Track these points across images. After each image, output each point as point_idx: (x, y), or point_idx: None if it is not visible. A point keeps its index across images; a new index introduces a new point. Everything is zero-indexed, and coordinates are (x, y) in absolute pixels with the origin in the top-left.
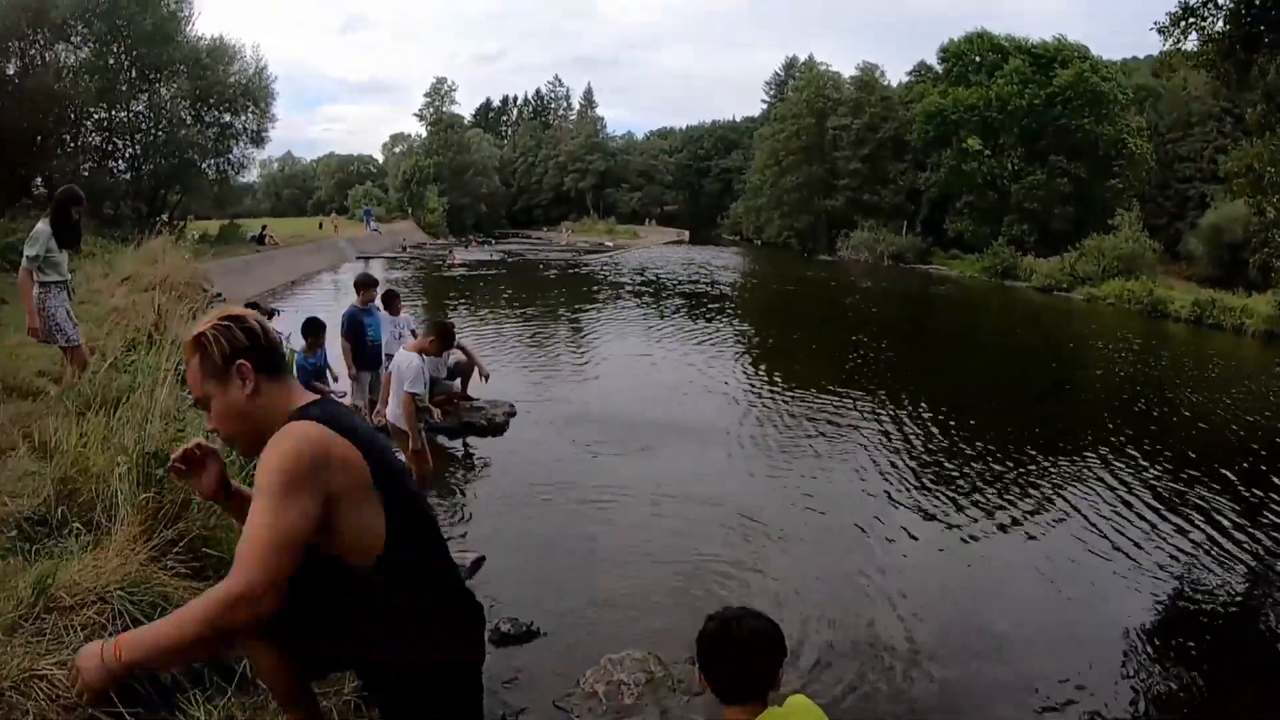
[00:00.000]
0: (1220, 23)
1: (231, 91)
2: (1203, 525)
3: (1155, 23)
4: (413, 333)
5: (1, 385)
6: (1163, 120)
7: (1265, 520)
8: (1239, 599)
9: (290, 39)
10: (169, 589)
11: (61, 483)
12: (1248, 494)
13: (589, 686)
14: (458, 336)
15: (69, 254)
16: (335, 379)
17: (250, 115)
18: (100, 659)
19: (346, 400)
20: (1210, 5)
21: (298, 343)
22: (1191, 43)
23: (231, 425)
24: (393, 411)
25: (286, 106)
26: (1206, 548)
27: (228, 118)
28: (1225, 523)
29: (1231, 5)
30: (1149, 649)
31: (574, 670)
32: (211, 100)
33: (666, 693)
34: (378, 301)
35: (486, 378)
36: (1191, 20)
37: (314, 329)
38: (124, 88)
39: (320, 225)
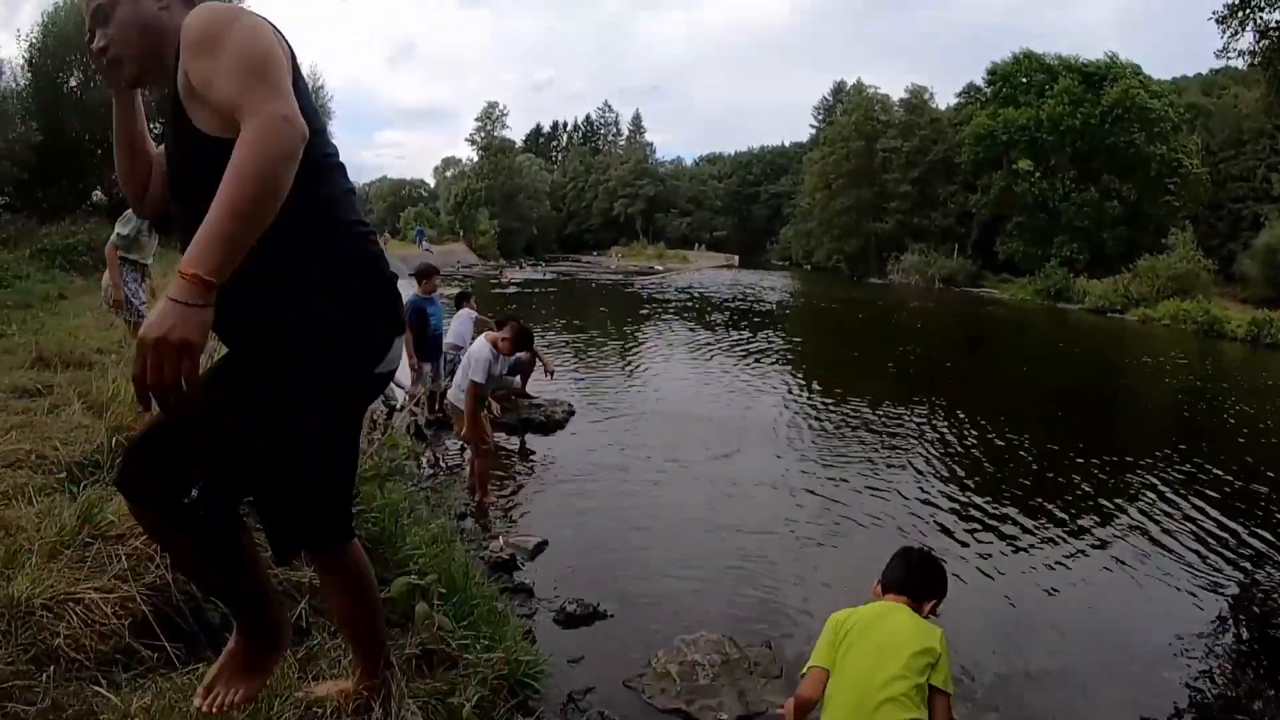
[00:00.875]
0: (1278, 14)
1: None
2: (1262, 539)
3: (1214, 12)
4: (475, 323)
5: (61, 359)
6: (1214, 139)
7: None
8: None
9: (344, 65)
10: None
11: (115, 430)
12: None
13: (661, 667)
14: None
15: (157, 241)
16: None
17: None
18: (182, 303)
19: (410, 389)
20: None
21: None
22: (1247, 40)
23: (130, 43)
24: (454, 394)
25: (341, 131)
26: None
27: None
28: None
29: None
30: (1209, 666)
31: (643, 651)
32: None
33: (743, 674)
34: (439, 292)
35: (551, 374)
36: (1249, 10)
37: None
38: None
39: (385, 239)
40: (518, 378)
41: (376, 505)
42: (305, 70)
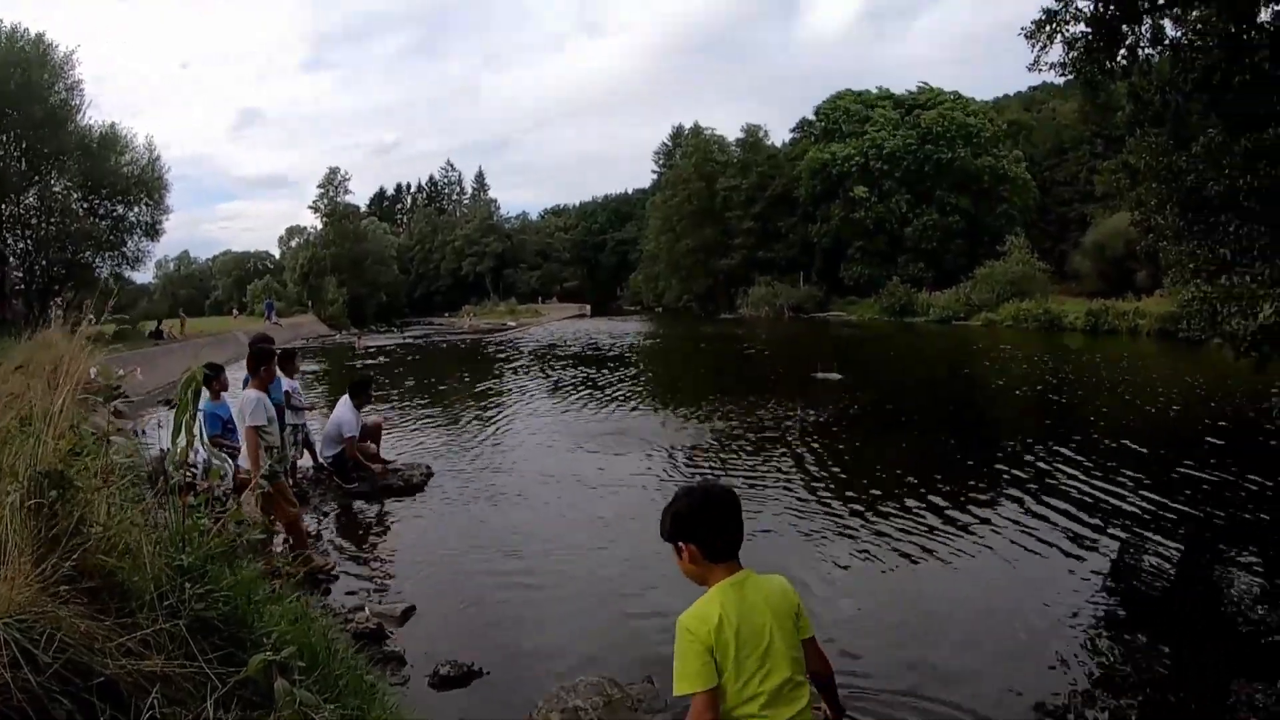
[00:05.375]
0: (1081, 25)
1: (124, 182)
2: (1125, 510)
3: (1022, 29)
4: (287, 394)
5: None
6: (1038, 150)
7: (1179, 501)
8: (1172, 575)
9: (184, 136)
10: (62, 616)
11: None
12: (1163, 478)
13: (542, 717)
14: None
15: None
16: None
17: (144, 206)
18: None
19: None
20: (1070, 8)
21: None
22: (1057, 52)
23: None
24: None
25: (182, 204)
26: (1133, 528)
27: (120, 209)
28: (1144, 505)
29: (1090, 8)
30: (1091, 644)
31: (524, 705)
32: (104, 190)
33: (627, 713)
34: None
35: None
36: (1055, 24)
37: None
38: (14, 178)
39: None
40: (370, 442)
41: (226, 584)
42: (141, 141)
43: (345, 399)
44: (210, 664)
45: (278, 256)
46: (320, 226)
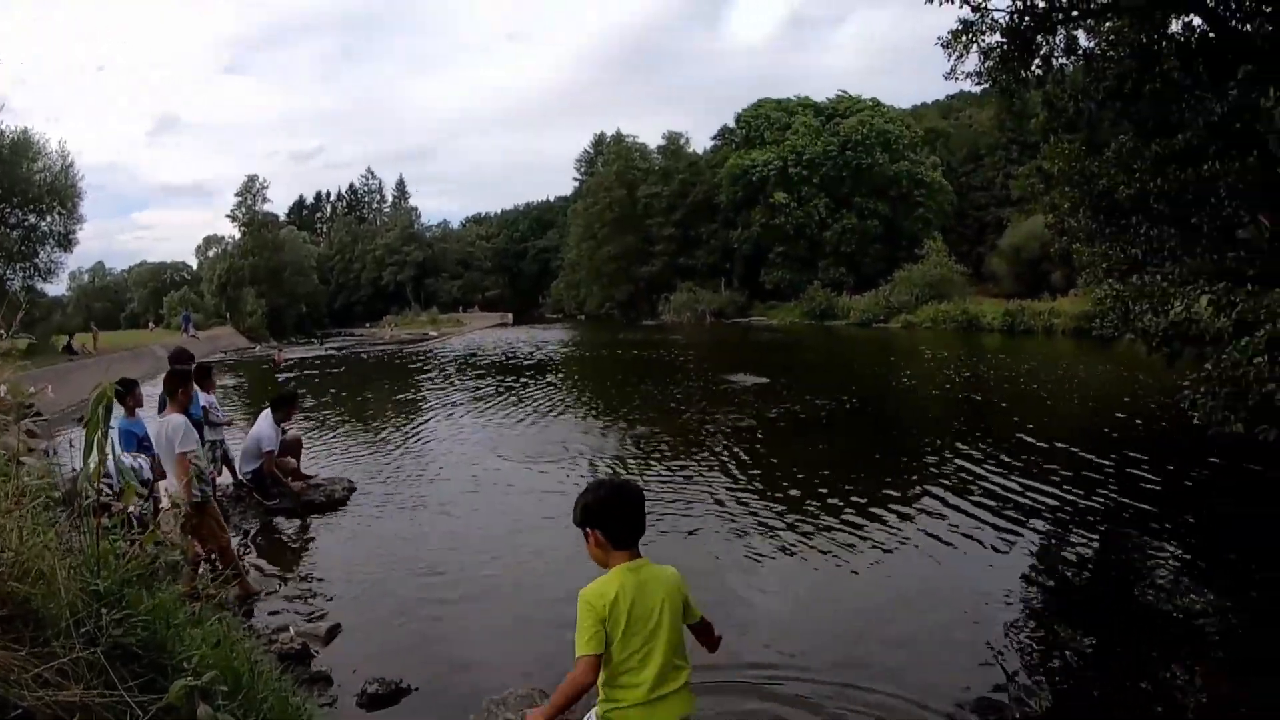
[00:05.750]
0: (996, 35)
1: (36, 190)
2: (1045, 504)
3: (939, 38)
4: (205, 409)
5: None
6: (955, 156)
7: (1097, 494)
8: (1090, 563)
9: (99, 143)
10: None
11: None
12: (1081, 472)
13: None
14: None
15: None
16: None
17: (57, 216)
18: None
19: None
20: (986, 19)
21: None
22: (973, 62)
23: None
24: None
25: (97, 213)
26: (1054, 522)
27: (32, 218)
28: (1063, 499)
29: (1006, 19)
30: (1017, 631)
31: (456, 718)
32: (15, 199)
33: None
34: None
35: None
36: (971, 34)
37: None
38: None
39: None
40: (291, 458)
41: (144, 608)
42: (54, 147)
43: (266, 413)
44: (131, 692)
45: (195, 267)
46: (238, 236)
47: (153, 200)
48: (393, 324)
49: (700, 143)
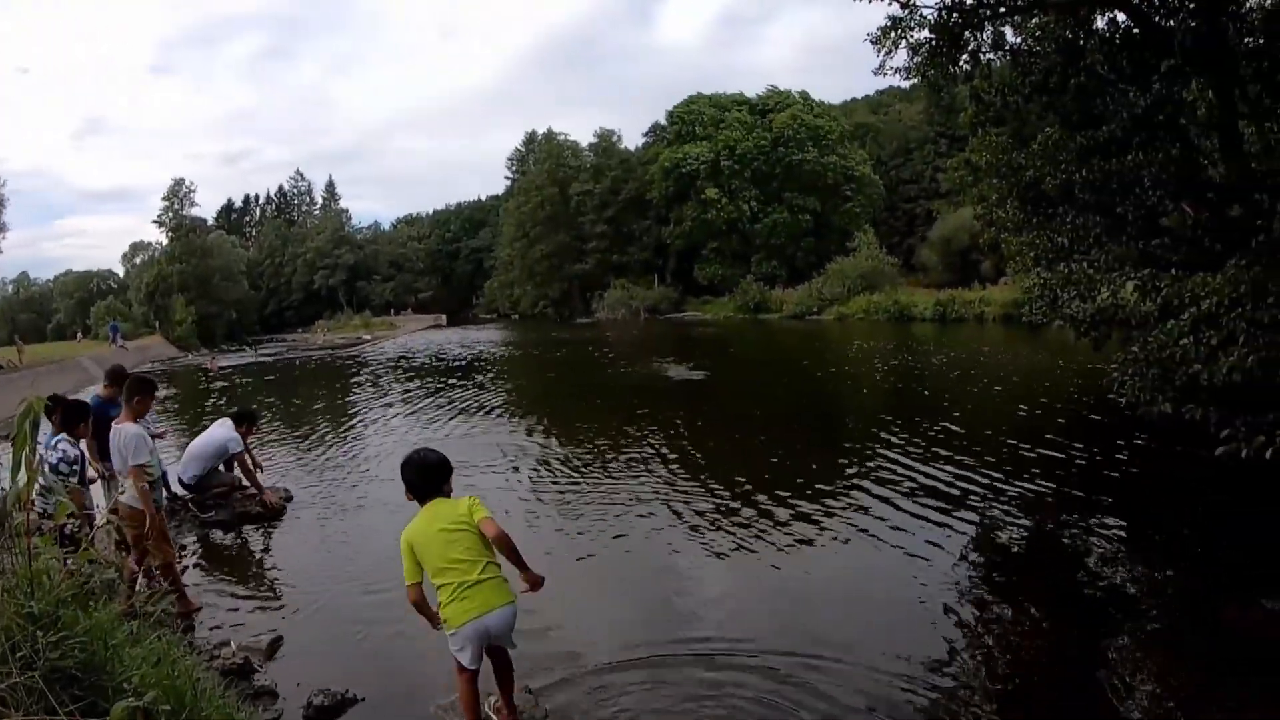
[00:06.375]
0: (925, 31)
1: None
2: (980, 488)
3: (868, 34)
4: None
5: None
6: (884, 150)
7: (1029, 477)
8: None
9: (22, 148)
10: None
11: None
12: (1014, 455)
13: None
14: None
15: None
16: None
17: None
18: None
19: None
20: (915, 15)
21: None
22: (902, 57)
23: None
24: (128, 493)
25: (20, 221)
26: (989, 505)
27: None
28: (997, 482)
29: (934, 15)
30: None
31: None
32: None
33: None
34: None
35: (260, 469)
36: (900, 31)
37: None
38: None
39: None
40: (235, 471)
41: (81, 629)
42: None
43: (225, 420)
44: (72, 716)
45: (122, 275)
46: (166, 242)
47: (79, 206)
48: (325, 329)
49: (633, 140)
